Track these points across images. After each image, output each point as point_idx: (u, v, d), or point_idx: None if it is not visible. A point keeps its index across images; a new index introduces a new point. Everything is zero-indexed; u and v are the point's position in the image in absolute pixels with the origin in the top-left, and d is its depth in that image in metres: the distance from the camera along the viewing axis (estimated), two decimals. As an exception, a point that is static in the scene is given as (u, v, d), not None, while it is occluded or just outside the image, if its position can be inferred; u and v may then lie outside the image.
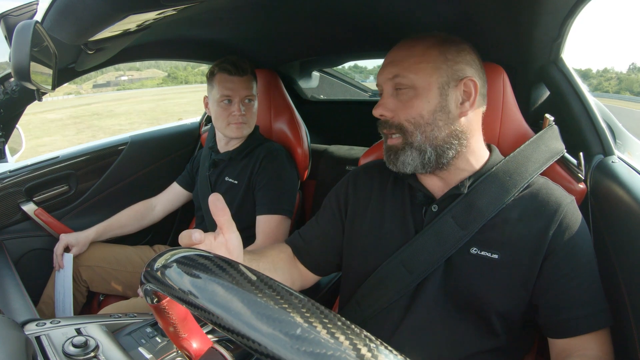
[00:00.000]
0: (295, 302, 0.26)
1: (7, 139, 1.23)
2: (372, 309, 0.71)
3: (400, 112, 0.68)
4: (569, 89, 0.87)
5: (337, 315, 0.26)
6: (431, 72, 0.67)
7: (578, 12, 0.73)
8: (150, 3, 0.52)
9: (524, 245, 0.64)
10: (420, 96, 0.67)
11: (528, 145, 0.73)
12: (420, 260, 0.68)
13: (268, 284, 0.28)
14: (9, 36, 0.74)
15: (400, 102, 0.69)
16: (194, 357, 0.41)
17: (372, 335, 0.24)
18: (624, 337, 0.62)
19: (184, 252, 0.34)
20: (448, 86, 0.67)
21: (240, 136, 1.22)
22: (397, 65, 0.69)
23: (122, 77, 60.42)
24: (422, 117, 0.67)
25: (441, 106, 0.67)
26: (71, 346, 0.61)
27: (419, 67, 0.67)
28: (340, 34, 1.14)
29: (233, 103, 1.17)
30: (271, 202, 1.17)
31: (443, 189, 0.71)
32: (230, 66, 1.15)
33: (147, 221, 1.41)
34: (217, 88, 1.17)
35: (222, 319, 0.27)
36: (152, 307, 0.37)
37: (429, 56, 0.67)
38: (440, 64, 0.67)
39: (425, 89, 0.67)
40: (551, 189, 0.68)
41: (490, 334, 0.66)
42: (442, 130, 0.67)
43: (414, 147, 0.68)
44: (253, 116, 1.22)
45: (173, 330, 0.39)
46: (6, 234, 1.22)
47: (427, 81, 0.67)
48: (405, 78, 0.67)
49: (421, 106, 0.67)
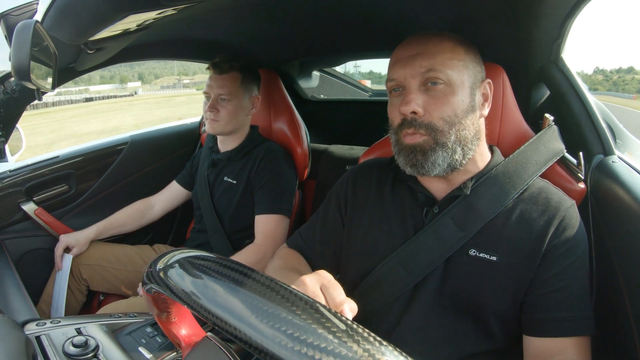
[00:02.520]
0: (304, 305, 0.26)
1: (7, 138, 1.23)
2: (369, 309, 0.71)
3: (433, 110, 0.64)
4: (569, 89, 0.87)
5: (343, 317, 0.26)
6: (463, 70, 0.65)
7: (578, 12, 0.73)
8: (150, 3, 0.52)
9: (522, 248, 0.64)
10: (455, 93, 0.63)
11: (527, 147, 0.73)
12: (419, 260, 0.67)
13: (272, 284, 0.28)
14: (9, 36, 0.74)
15: (432, 99, 0.64)
16: (182, 344, 0.40)
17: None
18: (624, 338, 0.62)
19: (189, 252, 0.34)
20: (475, 86, 0.67)
21: (212, 133, 1.26)
22: (431, 58, 0.64)
23: (184, 81, 78.17)
24: (456, 116, 0.64)
25: (471, 106, 0.66)
26: (71, 346, 0.61)
27: (452, 63, 0.64)
28: (340, 34, 1.14)
29: (210, 100, 1.21)
30: (270, 202, 1.18)
31: (446, 190, 0.71)
32: (213, 65, 1.20)
33: (146, 219, 1.41)
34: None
35: (225, 321, 0.27)
36: (144, 293, 0.37)
37: (458, 53, 0.65)
38: (468, 63, 0.66)
39: (460, 87, 0.64)
40: (551, 193, 0.67)
41: (488, 336, 0.66)
42: (470, 131, 0.65)
43: (446, 148, 0.64)
44: (229, 115, 1.20)
45: (165, 316, 0.39)
46: (6, 233, 1.22)
47: (460, 79, 0.64)
48: (442, 73, 0.63)
49: (456, 104, 0.63)
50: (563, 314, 0.62)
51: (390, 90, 0.70)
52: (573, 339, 0.62)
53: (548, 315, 0.62)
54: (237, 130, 1.26)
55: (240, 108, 1.23)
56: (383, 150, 0.96)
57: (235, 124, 1.23)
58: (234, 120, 1.22)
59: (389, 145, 0.75)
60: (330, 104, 1.99)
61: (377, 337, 0.25)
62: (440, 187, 0.71)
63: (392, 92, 0.70)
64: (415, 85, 0.65)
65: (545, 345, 0.63)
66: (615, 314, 0.64)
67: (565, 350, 0.61)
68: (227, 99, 1.20)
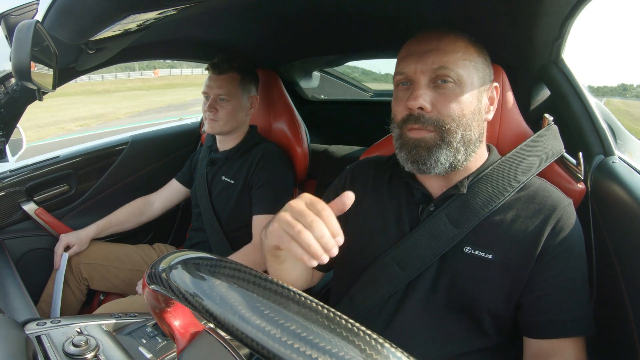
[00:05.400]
0: (313, 307, 0.27)
1: (8, 138, 1.23)
2: (364, 305, 0.71)
3: (441, 107, 0.63)
4: (570, 89, 0.87)
5: (350, 321, 0.26)
6: (473, 71, 0.65)
7: (579, 12, 0.73)
8: (150, 3, 0.52)
9: (518, 247, 0.64)
10: (464, 93, 0.64)
11: (525, 146, 0.72)
12: (414, 257, 0.68)
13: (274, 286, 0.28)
14: (10, 36, 0.74)
15: (442, 96, 0.64)
16: (177, 335, 0.40)
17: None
18: (624, 337, 0.62)
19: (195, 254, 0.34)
20: (484, 88, 0.67)
21: (211, 132, 1.27)
22: (445, 55, 0.63)
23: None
24: (464, 116, 0.64)
25: (478, 108, 0.66)
26: (72, 346, 0.61)
27: (464, 64, 0.64)
28: (340, 34, 1.14)
29: (209, 100, 1.21)
30: (267, 202, 1.18)
31: (443, 188, 0.71)
32: (212, 65, 1.21)
33: (145, 217, 1.42)
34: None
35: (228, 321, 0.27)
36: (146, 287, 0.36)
37: (470, 54, 0.65)
38: (478, 65, 0.66)
39: (469, 87, 0.64)
40: (548, 191, 0.67)
41: (482, 333, 0.66)
42: (475, 133, 0.66)
43: (451, 146, 0.64)
44: (227, 115, 1.22)
45: (163, 309, 0.38)
46: (6, 233, 1.22)
47: (470, 79, 0.64)
48: (454, 72, 0.63)
49: (465, 104, 0.64)
50: (560, 316, 0.62)
51: (397, 83, 0.69)
52: (569, 339, 0.62)
53: (545, 318, 0.62)
54: (235, 130, 1.27)
55: (239, 108, 1.24)
56: (383, 150, 0.96)
57: (234, 123, 1.24)
58: (233, 120, 1.23)
59: (390, 145, 0.74)
60: (330, 104, 1.99)
61: (380, 337, 0.25)
62: (437, 185, 0.71)
63: (399, 86, 0.69)
64: (425, 81, 0.65)
65: (542, 347, 0.63)
66: (615, 314, 0.64)
67: (561, 351, 0.62)
68: (226, 99, 1.21)
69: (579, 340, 0.62)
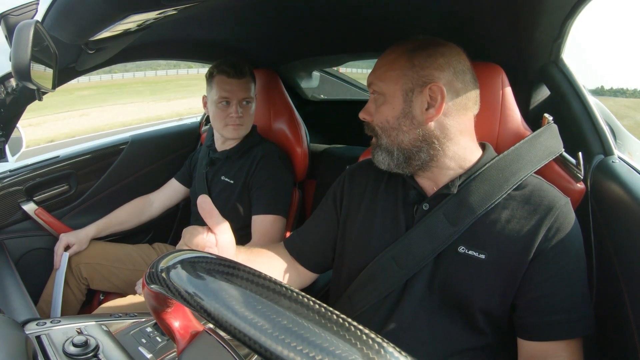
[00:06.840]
0: (315, 306, 0.27)
1: (8, 138, 1.23)
2: (362, 304, 0.72)
3: (375, 117, 0.74)
4: (569, 89, 0.87)
5: (354, 323, 0.26)
6: (396, 80, 0.69)
7: (579, 12, 0.73)
8: (150, 3, 0.52)
9: (512, 246, 0.64)
10: (387, 103, 0.71)
11: (523, 144, 0.72)
12: (411, 255, 0.68)
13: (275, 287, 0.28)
14: (10, 36, 0.74)
15: (375, 108, 0.74)
16: (176, 336, 0.40)
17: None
18: (624, 338, 0.62)
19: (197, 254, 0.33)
20: (412, 92, 0.68)
21: (237, 137, 1.24)
22: (373, 73, 0.73)
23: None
24: (387, 122, 0.71)
25: (405, 112, 0.69)
26: (71, 346, 0.61)
27: (386, 75, 0.71)
28: (340, 34, 1.14)
29: (231, 105, 1.18)
30: (267, 202, 1.18)
31: (433, 188, 0.73)
32: (229, 68, 1.16)
33: (145, 216, 1.42)
34: (216, 89, 1.18)
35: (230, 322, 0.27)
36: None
37: (397, 64, 0.70)
38: (406, 71, 0.69)
39: (391, 96, 0.70)
40: (545, 190, 0.67)
41: (477, 332, 0.66)
42: (406, 135, 0.70)
43: (383, 149, 0.73)
44: (250, 118, 1.23)
45: (163, 309, 0.38)
46: (6, 233, 1.22)
47: (392, 88, 0.70)
48: (376, 85, 0.72)
49: (387, 112, 0.71)
50: (556, 318, 0.61)
51: None
52: (564, 342, 0.62)
53: (540, 320, 0.62)
54: None
55: (254, 109, 1.25)
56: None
57: (251, 125, 1.25)
58: (251, 122, 1.25)
59: None
60: (330, 104, 1.99)
61: (373, 332, 0.25)
62: (427, 185, 0.74)
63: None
64: (371, 95, 0.75)
65: (537, 348, 0.63)
66: (615, 314, 0.64)
67: (558, 352, 0.62)
68: (250, 101, 1.22)
69: (575, 343, 0.62)
